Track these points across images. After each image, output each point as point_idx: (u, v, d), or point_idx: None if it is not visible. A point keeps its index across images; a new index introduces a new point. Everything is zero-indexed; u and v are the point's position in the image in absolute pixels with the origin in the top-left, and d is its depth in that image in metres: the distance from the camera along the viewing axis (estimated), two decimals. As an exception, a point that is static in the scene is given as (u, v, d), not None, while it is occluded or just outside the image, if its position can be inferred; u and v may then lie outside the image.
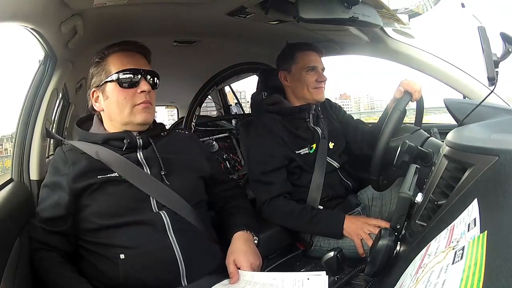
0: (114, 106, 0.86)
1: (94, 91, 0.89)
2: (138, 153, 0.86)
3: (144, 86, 0.85)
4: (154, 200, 0.82)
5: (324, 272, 0.71)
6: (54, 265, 0.77)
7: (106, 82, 0.86)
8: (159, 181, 0.84)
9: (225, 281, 0.80)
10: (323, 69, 1.22)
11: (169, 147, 0.91)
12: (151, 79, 0.88)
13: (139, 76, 0.86)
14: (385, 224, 1.00)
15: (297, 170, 1.17)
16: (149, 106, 0.87)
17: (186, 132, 1.04)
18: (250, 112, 1.46)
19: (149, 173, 0.85)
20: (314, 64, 1.20)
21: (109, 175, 0.81)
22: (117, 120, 0.87)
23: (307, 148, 1.18)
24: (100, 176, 0.81)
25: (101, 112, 0.90)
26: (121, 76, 0.85)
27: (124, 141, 0.85)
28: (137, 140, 0.86)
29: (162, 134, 0.94)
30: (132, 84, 0.85)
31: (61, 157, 0.84)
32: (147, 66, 0.89)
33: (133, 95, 0.85)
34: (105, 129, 0.90)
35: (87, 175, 0.81)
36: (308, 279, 0.71)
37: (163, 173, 0.85)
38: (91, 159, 0.82)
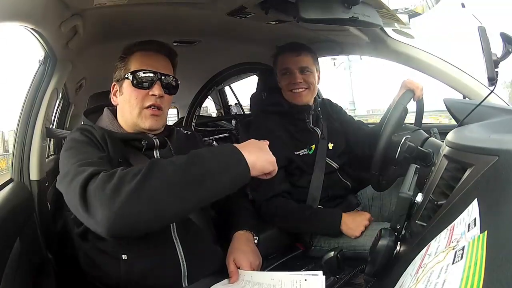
0: (126, 104, 0.85)
1: (115, 84, 0.89)
2: (154, 152, 0.86)
3: (156, 89, 0.83)
4: None
5: (321, 272, 0.71)
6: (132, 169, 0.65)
7: (124, 79, 0.86)
8: None
9: (225, 281, 0.80)
10: (302, 69, 1.16)
11: (180, 146, 0.90)
12: (168, 83, 0.87)
13: (154, 79, 0.84)
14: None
15: (297, 171, 1.17)
16: (157, 113, 0.85)
17: (189, 132, 1.02)
18: (250, 112, 1.47)
19: None
20: (287, 66, 1.17)
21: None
22: (127, 118, 0.86)
23: (306, 149, 1.18)
24: (120, 163, 0.78)
25: (117, 107, 0.90)
26: (137, 75, 0.84)
27: (142, 142, 0.84)
28: (154, 141, 0.86)
29: (171, 128, 0.94)
30: (146, 86, 0.84)
31: (90, 128, 0.80)
32: (167, 69, 0.88)
33: (144, 96, 0.84)
34: (119, 125, 0.88)
35: (111, 158, 0.76)
36: (305, 280, 0.71)
37: None
38: (113, 145, 0.79)
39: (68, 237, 0.84)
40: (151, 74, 0.84)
